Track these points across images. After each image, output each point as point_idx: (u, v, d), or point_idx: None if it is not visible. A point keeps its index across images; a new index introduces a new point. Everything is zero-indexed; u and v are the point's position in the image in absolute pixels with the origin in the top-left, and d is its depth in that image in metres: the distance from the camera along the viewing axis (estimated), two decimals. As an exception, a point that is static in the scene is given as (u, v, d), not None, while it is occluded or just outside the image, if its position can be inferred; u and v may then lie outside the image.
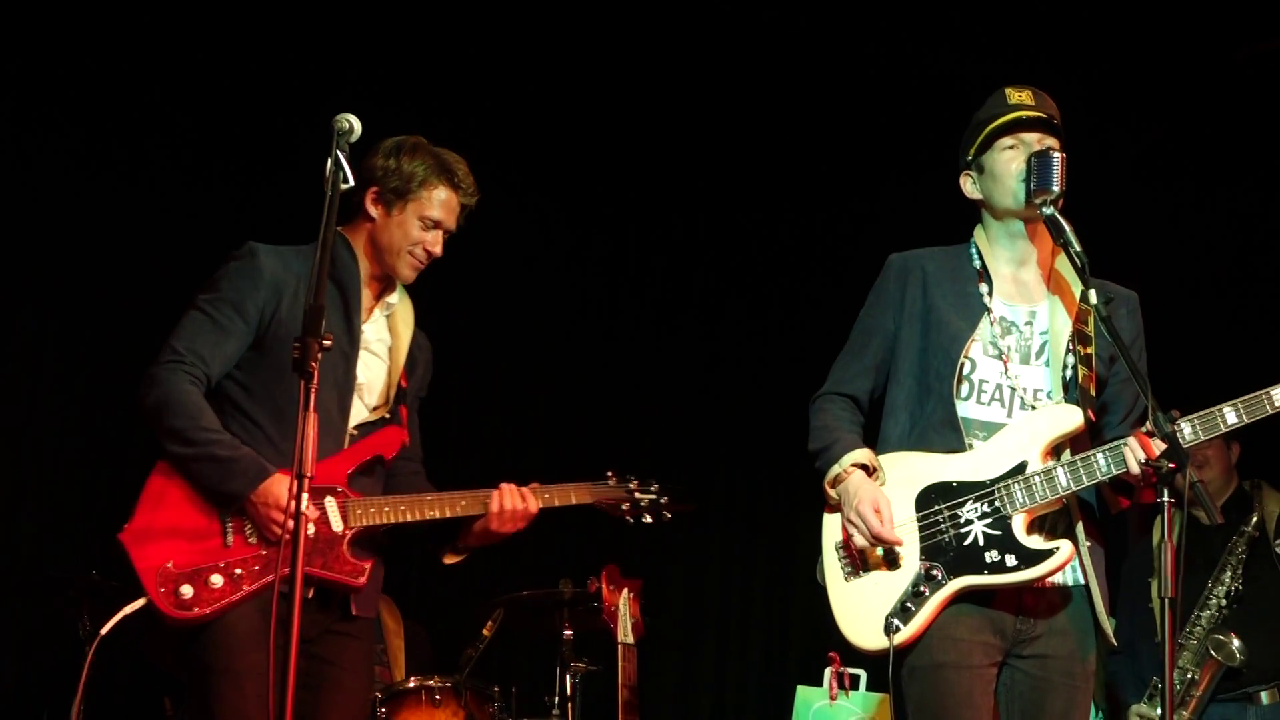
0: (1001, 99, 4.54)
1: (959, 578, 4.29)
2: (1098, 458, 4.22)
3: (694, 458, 9.10)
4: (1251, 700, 6.14)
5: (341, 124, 4.16)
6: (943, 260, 4.62)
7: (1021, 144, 4.45)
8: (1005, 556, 4.26)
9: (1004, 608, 4.33)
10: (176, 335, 4.55)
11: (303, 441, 3.71)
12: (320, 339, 3.80)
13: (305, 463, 3.71)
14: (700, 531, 9.07)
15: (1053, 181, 4.32)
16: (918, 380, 4.52)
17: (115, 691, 7.42)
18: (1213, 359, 5.13)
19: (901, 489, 4.42)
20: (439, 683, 6.45)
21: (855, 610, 4.43)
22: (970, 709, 4.28)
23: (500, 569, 8.36)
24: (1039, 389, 4.42)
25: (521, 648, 8.24)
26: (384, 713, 6.35)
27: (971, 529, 4.30)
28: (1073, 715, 4.36)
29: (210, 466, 4.42)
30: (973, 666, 4.30)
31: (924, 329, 4.54)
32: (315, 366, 3.77)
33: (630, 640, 6.32)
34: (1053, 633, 4.35)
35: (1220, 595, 6.18)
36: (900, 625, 4.31)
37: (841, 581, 4.48)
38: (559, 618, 6.88)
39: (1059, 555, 4.23)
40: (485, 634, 6.77)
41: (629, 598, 6.40)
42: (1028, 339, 4.47)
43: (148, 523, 4.45)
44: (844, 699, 6.69)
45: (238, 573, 4.43)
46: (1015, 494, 4.28)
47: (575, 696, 6.77)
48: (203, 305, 4.58)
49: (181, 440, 4.43)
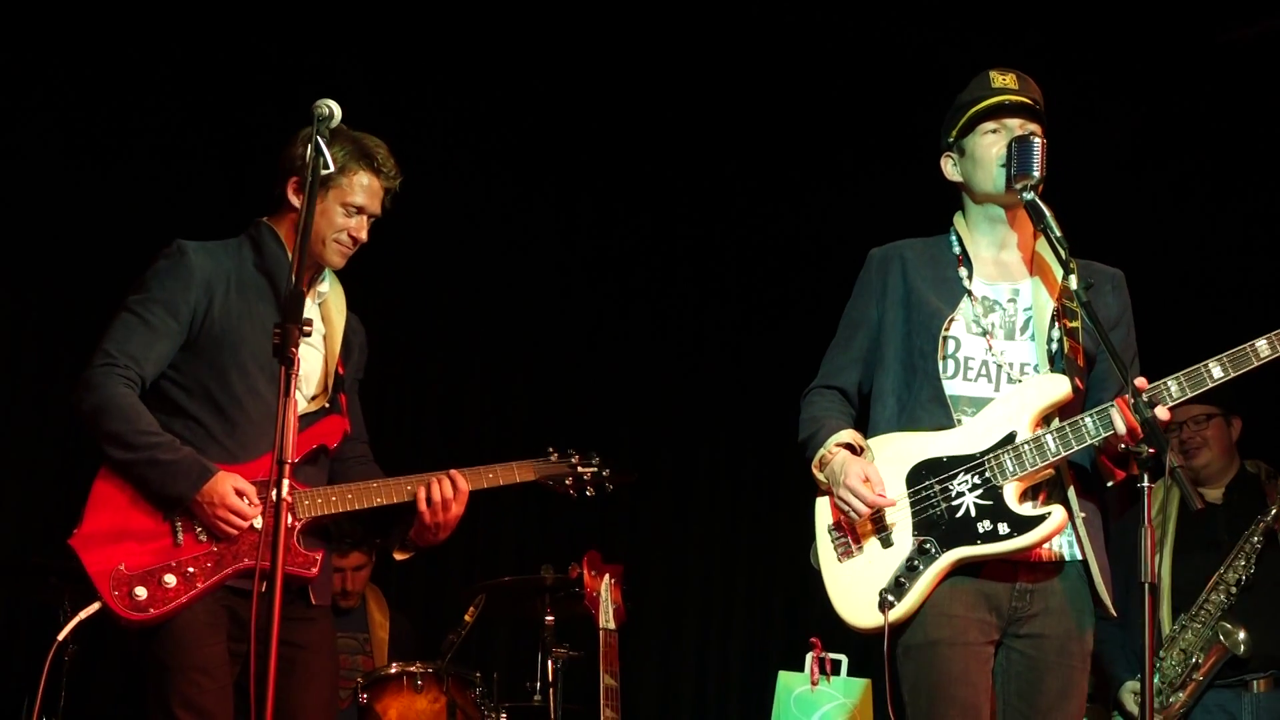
0: (985, 82, 4.52)
1: (952, 550, 4.28)
2: (1085, 421, 4.21)
3: (676, 443, 9.11)
4: (1246, 688, 6.15)
5: (321, 109, 4.15)
6: (922, 249, 4.63)
7: (1003, 128, 4.44)
8: (998, 525, 4.25)
9: (999, 581, 4.32)
10: (108, 338, 4.57)
11: (283, 428, 3.71)
12: (300, 324, 3.79)
13: (285, 448, 3.71)
14: (682, 517, 9.10)
15: (1033, 167, 4.31)
16: (903, 364, 4.52)
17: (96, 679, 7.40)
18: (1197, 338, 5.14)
19: (892, 467, 4.41)
20: (421, 668, 6.45)
21: (850, 590, 4.41)
22: (966, 686, 4.28)
23: (482, 555, 8.38)
24: (1025, 363, 4.42)
25: (503, 633, 8.25)
26: (365, 698, 6.35)
27: (963, 501, 4.30)
28: (1069, 696, 4.35)
29: (153, 470, 4.43)
30: (968, 644, 4.29)
31: (906, 314, 4.54)
32: (296, 352, 3.77)
33: (612, 626, 6.33)
34: (1049, 612, 4.33)
35: (1231, 581, 6.17)
36: (894, 601, 4.30)
37: (835, 562, 4.47)
38: (541, 603, 6.88)
39: (1052, 520, 4.22)
40: (467, 620, 6.76)
41: (610, 583, 6.41)
42: (1011, 315, 4.47)
43: (97, 526, 4.46)
44: (825, 684, 6.69)
45: (190, 571, 4.43)
46: (1005, 463, 4.27)
47: (557, 682, 6.77)
48: (133, 306, 4.58)
49: (122, 445, 4.44)
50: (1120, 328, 4.48)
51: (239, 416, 4.59)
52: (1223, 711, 6.17)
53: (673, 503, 9.13)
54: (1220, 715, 6.17)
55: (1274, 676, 6.12)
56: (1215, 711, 6.18)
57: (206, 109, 8.04)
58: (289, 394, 3.74)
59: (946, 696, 4.26)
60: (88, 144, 7.83)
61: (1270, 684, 6.12)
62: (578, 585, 6.44)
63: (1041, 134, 4.44)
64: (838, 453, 4.44)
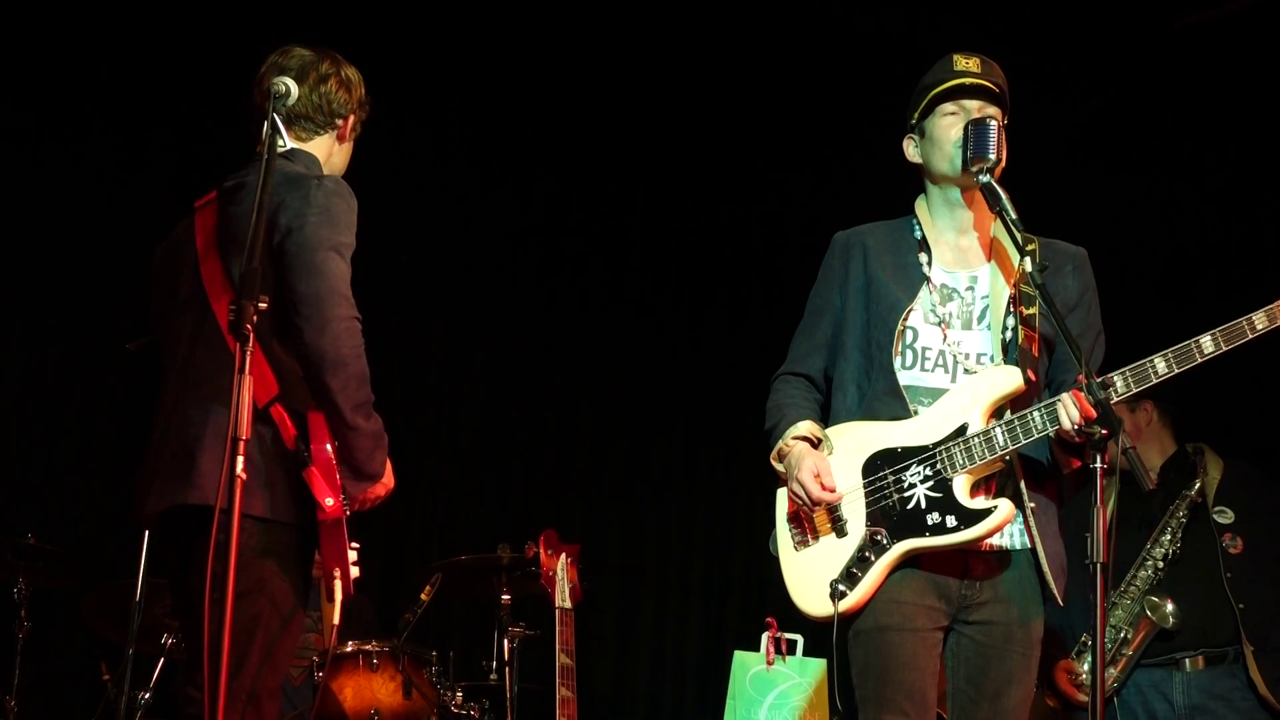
0: (948, 64, 4.54)
1: (902, 541, 4.32)
2: (1034, 416, 4.23)
3: (634, 423, 9.11)
4: (1178, 666, 6.20)
5: (279, 87, 4.13)
6: (884, 234, 4.64)
7: (962, 110, 4.46)
8: (946, 518, 4.28)
9: (948, 571, 4.35)
10: (344, 285, 4.22)
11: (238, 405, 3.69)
12: (256, 302, 3.76)
13: (241, 426, 3.69)
14: (639, 497, 9.10)
15: (989, 150, 4.32)
16: (863, 352, 4.55)
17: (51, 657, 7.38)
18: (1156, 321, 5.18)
19: (849, 457, 4.45)
20: (376, 647, 6.43)
21: (805, 579, 4.46)
22: (914, 671, 4.31)
23: (438, 534, 8.37)
24: (981, 353, 4.44)
25: (459, 612, 8.25)
26: (321, 677, 6.34)
27: (914, 492, 4.33)
28: (1016, 681, 4.38)
29: (378, 445, 4.29)
30: (916, 630, 4.33)
31: (866, 302, 4.56)
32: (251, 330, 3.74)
33: (568, 605, 6.34)
34: (997, 599, 4.37)
35: (1158, 557, 6.22)
36: (846, 590, 4.34)
37: (792, 551, 4.52)
38: (497, 583, 6.89)
39: (998, 514, 4.24)
40: (423, 598, 6.76)
41: (567, 563, 6.42)
42: (969, 304, 4.49)
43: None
44: (781, 664, 6.70)
45: (356, 545, 4.34)
46: (956, 456, 4.30)
47: (513, 661, 6.78)
48: (343, 250, 4.25)
49: (366, 414, 4.23)
50: (1080, 309, 4.50)
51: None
52: (1155, 690, 6.21)
53: (629, 483, 9.14)
54: (1153, 694, 6.22)
55: (1205, 654, 6.16)
56: (1149, 690, 6.22)
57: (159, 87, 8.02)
58: (244, 371, 3.72)
59: (893, 681, 4.31)
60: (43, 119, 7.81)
61: (1203, 662, 6.16)
62: (534, 564, 6.44)
63: (1002, 118, 4.46)
64: (795, 445, 4.48)
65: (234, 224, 4.34)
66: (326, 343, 4.12)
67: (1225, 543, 6.23)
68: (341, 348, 4.14)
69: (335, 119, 4.57)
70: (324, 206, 4.24)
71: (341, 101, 4.58)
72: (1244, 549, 6.24)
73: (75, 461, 7.75)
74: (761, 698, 6.69)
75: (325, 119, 4.56)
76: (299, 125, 4.52)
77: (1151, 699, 6.22)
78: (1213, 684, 6.14)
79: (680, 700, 8.95)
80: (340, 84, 4.58)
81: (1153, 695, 6.23)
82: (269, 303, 3.85)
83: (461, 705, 6.57)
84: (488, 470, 8.74)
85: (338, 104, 4.57)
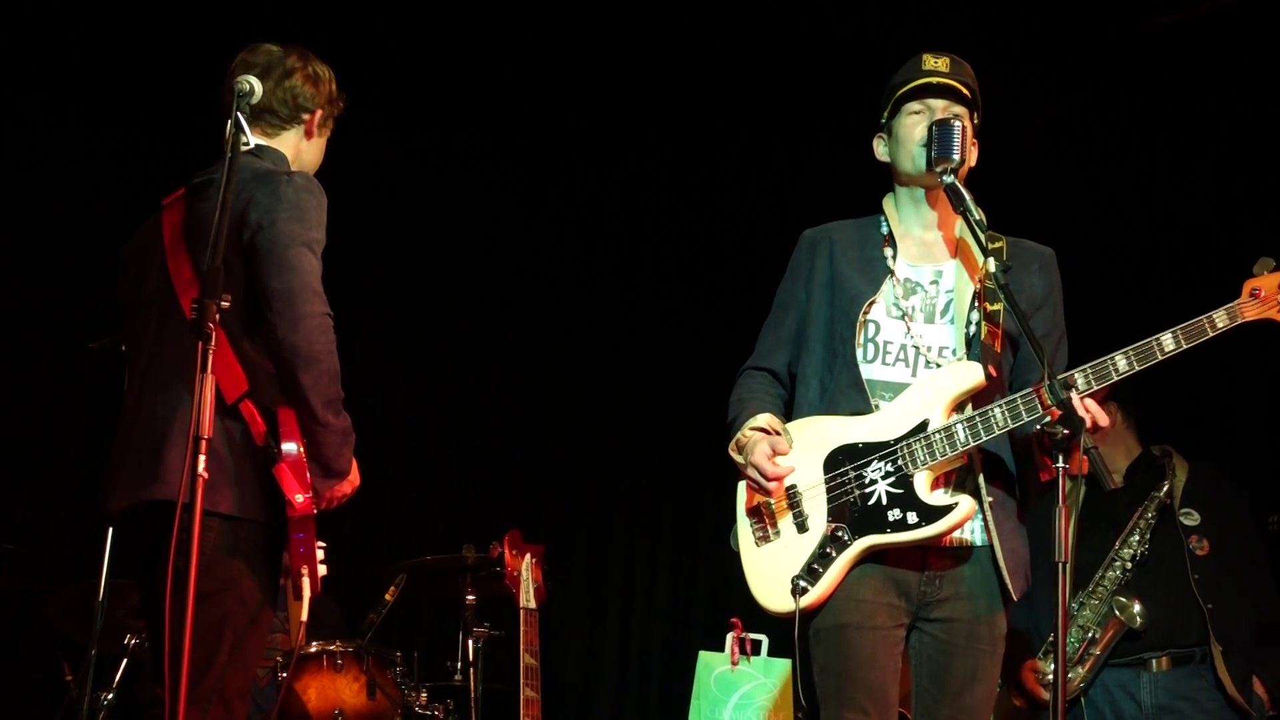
0: (916, 64, 4.54)
1: (863, 537, 4.32)
2: (994, 413, 4.24)
3: (599, 422, 9.10)
4: (1145, 667, 6.21)
5: (243, 85, 4.12)
6: (852, 230, 4.65)
7: (928, 110, 4.47)
8: (907, 514, 4.28)
9: (909, 566, 4.35)
10: (316, 280, 4.20)
11: (199, 404, 3.67)
12: (219, 300, 3.74)
13: (203, 425, 3.67)
14: (604, 497, 9.09)
15: (953, 150, 4.32)
16: (825, 346, 4.55)
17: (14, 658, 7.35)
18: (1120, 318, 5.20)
19: (811, 452, 4.44)
20: (340, 647, 6.41)
21: (765, 574, 4.45)
22: (874, 669, 4.31)
23: (403, 534, 8.35)
24: (944, 347, 4.44)
25: (424, 613, 8.24)
26: (284, 677, 6.32)
27: (876, 489, 4.33)
28: (978, 679, 4.38)
29: (345, 440, 4.27)
30: (877, 628, 4.33)
31: (830, 297, 4.57)
32: (214, 328, 3.72)
33: (532, 605, 6.34)
34: (958, 596, 4.37)
35: (1126, 558, 6.24)
36: (807, 587, 4.34)
37: (753, 547, 4.50)
38: (462, 583, 6.89)
39: (959, 511, 4.24)
40: (388, 599, 6.75)
41: (531, 563, 6.41)
42: (933, 298, 4.49)
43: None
44: (745, 664, 6.71)
45: (324, 544, 4.34)
46: (917, 452, 4.30)
47: (477, 661, 6.78)
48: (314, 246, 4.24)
49: (336, 410, 4.22)
50: (1046, 308, 4.51)
51: None
52: (1122, 690, 6.23)
53: (595, 483, 9.14)
54: (1121, 694, 6.23)
55: (1172, 655, 6.18)
56: (1116, 690, 6.24)
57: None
58: (207, 370, 3.69)
59: (854, 679, 4.30)
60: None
61: (1169, 662, 6.18)
62: (499, 565, 6.44)
63: (969, 118, 4.46)
64: (752, 435, 4.47)
65: (201, 220, 4.32)
66: (299, 339, 4.10)
67: (1192, 544, 6.25)
68: (314, 344, 4.12)
69: (301, 114, 4.55)
70: (294, 202, 4.22)
71: (308, 96, 4.56)
72: (1210, 551, 6.26)
73: (38, 461, 7.72)
74: (726, 698, 6.69)
75: (290, 113, 4.54)
76: (264, 120, 4.50)
77: (1119, 699, 6.23)
78: (1180, 684, 6.15)
79: (645, 700, 8.95)
80: (306, 79, 4.57)
81: (1120, 695, 6.24)
82: (235, 300, 3.84)
83: (426, 706, 6.56)
84: (453, 470, 8.72)
85: (303, 98, 4.56)
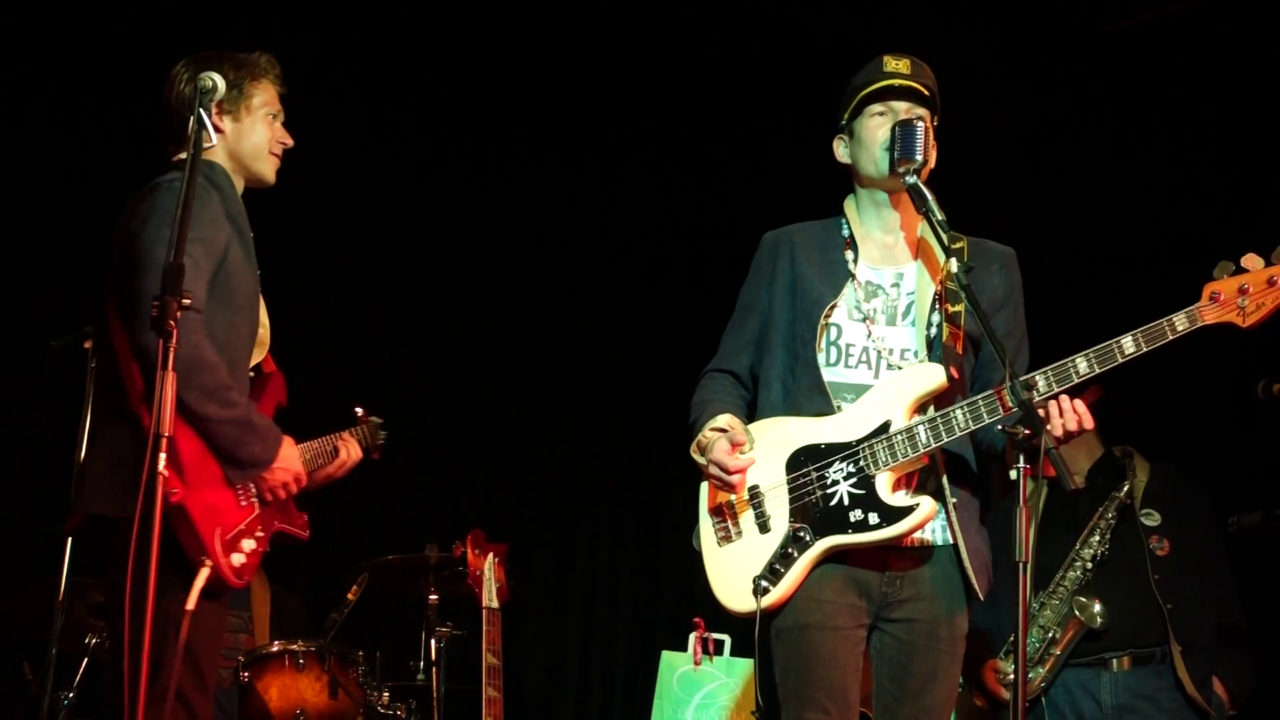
0: (878, 65, 4.55)
1: (825, 538, 4.33)
2: (956, 414, 4.26)
3: (562, 421, 9.10)
4: (1105, 667, 6.23)
5: (205, 82, 4.13)
6: (814, 233, 4.67)
7: (890, 112, 4.48)
8: (868, 515, 4.30)
9: (870, 566, 4.37)
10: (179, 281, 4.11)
11: (161, 400, 3.65)
12: (180, 297, 3.73)
13: (163, 422, 3.65)
14: (567, 497, 9.09)
15: (915, 151, 4.34)
16: (788, 349, 4.57)
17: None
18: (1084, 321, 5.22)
19: (773, 452, 4.46)
20: (303, 647, 6.38)
21: (727, 574, 4.47)
22: (835, 669, 4.33)
23: (366, 533, 8.33)
24: (906, 349, 4.46)
25: (386, 612, 8.20)
26: (247, 677, 6.29)
27: (837, 489, 4.34)
28: (939, 679, 4.40)
29: (242, 431, 4.28)
30: (837, 628, 4.34)
31: (792, 300, 4.59)
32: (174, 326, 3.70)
33: (495, 605, 6.34)
34: (919, 597, 4.39)
35: (1086, 558, 6.26)
36: (769, 587, 4.35)
37: (715, 547, 4.51)
38: (424, 582, 6.86)
39: (919, 512, 4.26)
40: (350, 598, 6.74)
41: (494, 562, 6.41)
42: (894, 300, 4.51)
43: (194, 486, 4.22)
44: (708, 664, 6.73)
45: (259, 535, 4.40)
46: (879, 453, 4.31)
47: (440, 661, 6.76)
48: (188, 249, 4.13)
49: (217, 400, 4.21)
50: (1007, 308, 4.53)
51: (238, 371, 4.46)
52: (1083, 690, 6.25)
53: (558, 482, 9.13)
54: (1080, 693, 6.25)
55: (1132, 654, 6.21)
56: (1076, 689, 6.26)
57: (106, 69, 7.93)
58: (168, 368, 3.68)
59: (814, 679, 4.32)
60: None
61: (1130, 662, 6.21)
62: (461, 564, 6.44)
63: (930, 119, 4.48)
64: (712, 435, 4.47)
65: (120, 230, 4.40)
66: (149, 340, 4.00)
67: (1152, 545, 6.28)
68: None
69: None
70: (166, 208, 4.21)
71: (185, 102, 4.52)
72: (1171, 551, 6.29)
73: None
74: (689, 698, 6.71)
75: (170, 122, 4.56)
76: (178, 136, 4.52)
77: (1079, 699, 6.25)
78: (1140, 684, 6.18)
79: (608, 700, 8.95)
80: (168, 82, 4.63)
81: (1080, 695, 6.26)
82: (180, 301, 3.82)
83: (388, 705, 6.54)
84: (416, 469, 8.70)
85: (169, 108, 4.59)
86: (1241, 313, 4.16)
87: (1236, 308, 4.16)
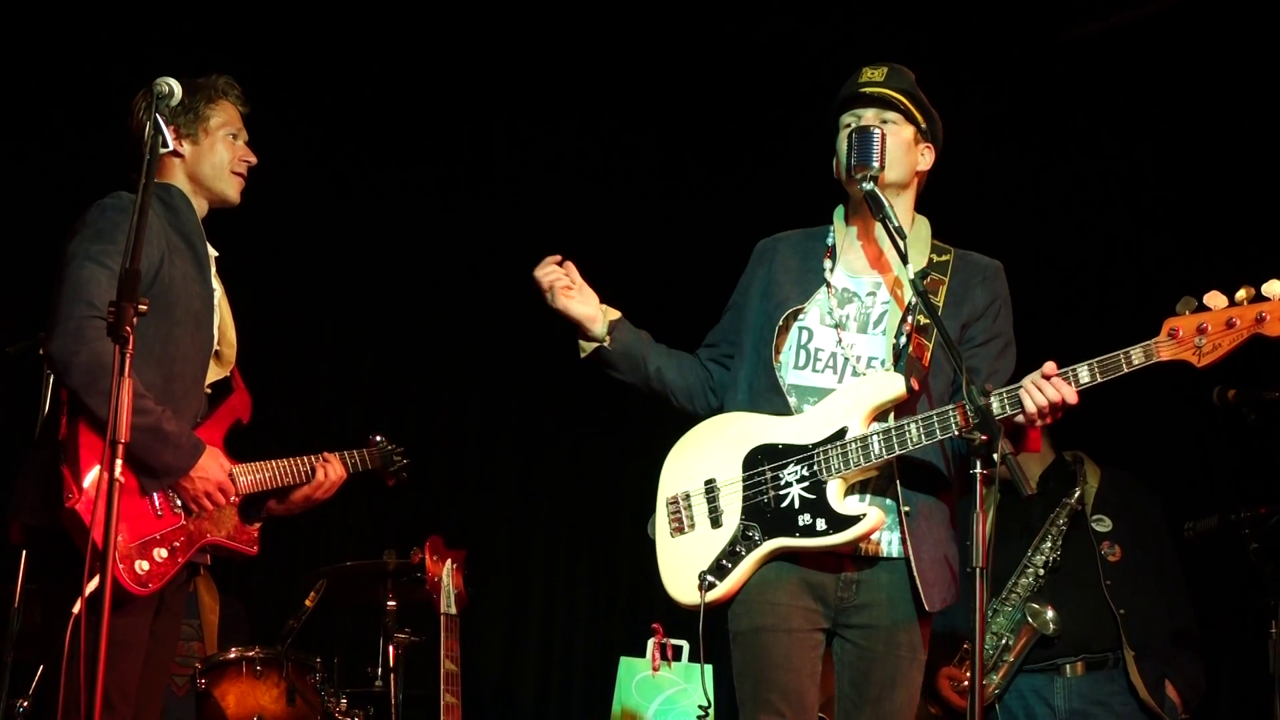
0: (855, 77, 4.61)
1: (773, 539, 4.37)
2: (910, 428, 4.27)
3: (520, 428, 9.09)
4: (1059, 672, 6.27)
5: (161, 88, 4.12)
6: (799, 240, 4.73)
7: (857, 120, 4.53)
8: (816, 521, 4.32)
9: (825, 568, 4.39)
10: (83, 288, 4.23)
11: (117, 408, 3.65)
12: (137, 304, 3.73)
13: (120, 429, 3.65)
14: (525, 503, 9.07)
15: (872, 158, 4.37)
16: (755, 351, 4.61)
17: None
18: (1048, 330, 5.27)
19: (732, 448, 4.50)
20: (260, 653, 6.38)
21: (677, 566, 4.51)
22: (789, 672, 4.35)
23: (324, 539, 8.30)
24: (873, 357, 4.49)
25: (344, 619, 8.19)
26: (204, 684, 6.28)
27: (790, 491, 4.37)
28: (898, 685, 4.42)
29: (154, 438, 4.26)
30: (792, 630, 4.37)
31: (763, 304, 4.64)
32: (130, 332, 3.70)
33: (453, 611, 6.33)
34: (876, 603, 4.41)
35: (1039, 564, 6.30)
36: (714, 582, 4.40)
37: (668, 538, 4.55)
38: (382, 589, 6.85)
39: (866, 522, 4.29)
40: (308, 605, 6.72)
41: (452, 569, 6.40)
42: (868, 308, 4.54)
43: (94, 494, 4.17)
44: (666, 670, 6.74)
45: (176, 545, 4.38)
46: (832, 459, 4.34)
47: (398, 667, 6.75)
48: (98, 257, 4.27)
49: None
50: (985, 318, 4.54)
51: (177, 384, 4.46)
52: (1036, 695, 6.29)
53: (516, 488, 9.12)
54: (1034, 699, 6.30)
55: (1086, 660, 6.25)
56: (1029, 695, 6.30)
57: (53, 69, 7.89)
58: (124, 373, 3.67)
59: (768, 681, 4.35)
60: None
61: (1083, 667, 6.25)
62: (420, 570, 6.43)
63: (905, 124, 4.53)
64: None
65: None
66: (55, 347, 4.18)
67: (1104, 551, 6.32)
68: (67, 347, 4.18)
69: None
70: (92, 222, 4.36)
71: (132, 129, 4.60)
72: (1122, 556, 6.33)
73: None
74: (647, 703, 6.72)
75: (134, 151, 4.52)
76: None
77: (1033, 704, 6.29)
78: (1093, 689, 6.22)
79: (566, 706, 8.93)
80: (129, 113, 4.65)
81: (1034, 700, 6.30)
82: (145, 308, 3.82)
83: (346, 712, 6.53)
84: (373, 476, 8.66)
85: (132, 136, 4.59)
86: (1198, 352, 4.14)
87: (1194, 347, 4.13)
